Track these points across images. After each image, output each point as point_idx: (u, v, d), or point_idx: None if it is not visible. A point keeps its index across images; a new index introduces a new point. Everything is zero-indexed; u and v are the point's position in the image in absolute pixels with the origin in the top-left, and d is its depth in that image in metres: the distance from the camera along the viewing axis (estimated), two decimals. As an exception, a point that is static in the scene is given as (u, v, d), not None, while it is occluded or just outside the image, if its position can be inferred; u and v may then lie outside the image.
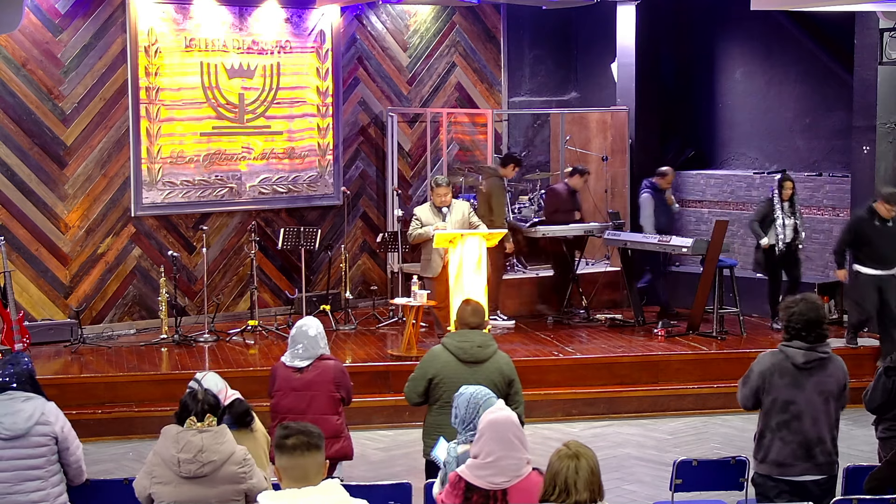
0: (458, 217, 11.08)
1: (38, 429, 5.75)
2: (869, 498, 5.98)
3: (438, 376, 6.67)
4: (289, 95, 13.15)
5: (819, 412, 6.08)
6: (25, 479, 5.71)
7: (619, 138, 14.05)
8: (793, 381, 6.09)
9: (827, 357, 6.12)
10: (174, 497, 5.32)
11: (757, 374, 6.17)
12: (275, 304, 13.23)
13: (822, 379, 6.10)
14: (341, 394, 7.03)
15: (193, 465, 5.28)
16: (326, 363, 6.99)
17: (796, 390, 6.08)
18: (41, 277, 12.01)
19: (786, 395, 6.09)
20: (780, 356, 6.13)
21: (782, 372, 6.11)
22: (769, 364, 6.15)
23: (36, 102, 11.88)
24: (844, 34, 12.28)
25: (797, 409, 6.08)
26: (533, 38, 14.90)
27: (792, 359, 6.09)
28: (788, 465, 6.12)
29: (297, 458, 4.24)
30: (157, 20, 12.33)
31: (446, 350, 6.70)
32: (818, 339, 6.08)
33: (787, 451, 6.11)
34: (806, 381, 6.08)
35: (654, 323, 12.26)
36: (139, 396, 10.37)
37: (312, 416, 6.82)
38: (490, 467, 4.81)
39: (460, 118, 14.31)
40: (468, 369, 6.62)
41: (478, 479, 4.82)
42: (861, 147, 12.08)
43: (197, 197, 12.72)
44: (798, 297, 6.20)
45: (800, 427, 6.08)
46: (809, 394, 6.08)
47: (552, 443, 9.89)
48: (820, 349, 6.09)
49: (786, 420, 6.10)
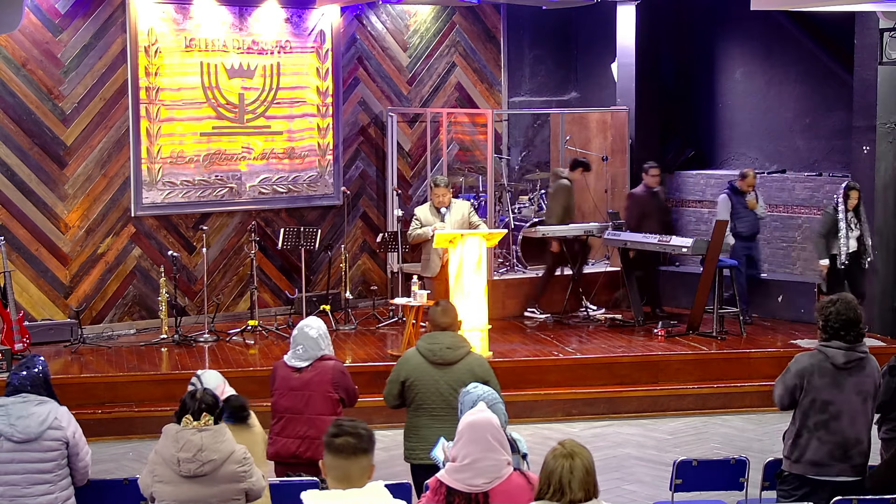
0: (458, 217, 11.07)
1: (50, 433, 5.76)
2: (869, 498, 5.97)
3: (410, 378, 6.67)
4: (289, 95, 13.15)
5: (857, 412, 6.08)
6: (35, 482, 5.71)
7: (619, 138, 14.05)
8: (833, 382, 6.07)
9: (865, 357, 6.12)
10: (175, 496, 5.32)
11: (794, 374, 6.14)
12: (275, 304, 13.23)
13: (861, 379, 6.09)
14: (339, 394, 7.00)
15: (193, 464, 5.28)
16: (325, 364, 6.97)
17: (836, 391, 6.07)
18: (41, 277, 12.01)
19: (825, 395, 6.07)
20: (820, 356, 6.11)
21: (822, 372, 6.08)
22: (808, 364, 6.12)
23: (36, 102, 11.88)
24: (844, 34, 12.27)
25: (836, 410, 6.06)
26: (533, 38, 14.90)
27: (832, 359, 6.06)
28: (825, 465, 6.10)
29: (341, 459, 4.21)
30: (157, 20, 12.33)
31: (418, 352, 6.70)
32: (857, 339, 6.08)
33: (824, 452, 6.09)
34: (845, 382, 6.07)
35: (654, 323, 12.26)
36: (139, 396, 10.36)
37: (309, 415, 6.83)
38: (468, 469, 4.73)
39: (460, 118, 14.31)
40: (439, 371, 6.61)
41: (457, 482, 4.73)
42: (861, 147, 12.08)
43: (197, 197, 12.72)
44: (834, 297, 6.18)
45: (838, 427, 6.06)
46: (848, 394, 6.07)
47: (552, 443, 9.80)
48: (859, 349, 6.09)
49: (824, 420, 6.07)
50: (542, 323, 12.69)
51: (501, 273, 13.28)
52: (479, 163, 14.12)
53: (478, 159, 14.27)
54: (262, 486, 5.52)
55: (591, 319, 12.69)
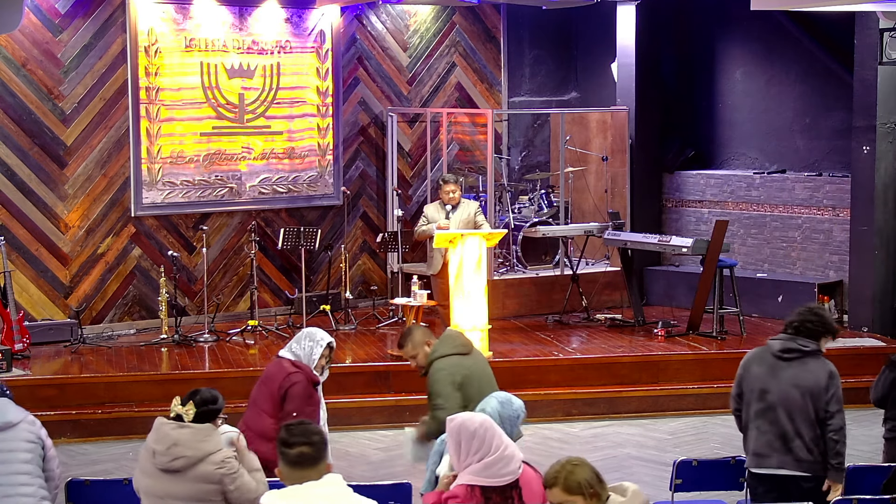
0: (464, 216, 11.10)
1: (26, 426, 5.76)
2: (869, 498, 5.98)
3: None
4: (289, 95, 13.15)
5: (795, 406, 6.06)
6: (16, 471, 5.69)
7: (619, 138, 14.05)
8: (769, 371, 6.16)
9: (809, 354, 6.11)
10: (148, 488, 5.32)
11: (740, 366, 6.33)
12: (275, 304, 13.23)
13: (801, 373, 6.09)
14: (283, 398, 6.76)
15: (165, 457, 5.25)
16: (283, 362, 6.85)
17: (772, 380, 6.13)
18: (41, 277, 12.01)
19: (761, 383, 6.17)
20: (762, 347, 6.29)
21: (761, 361, 6.22)
22: (751, 354, 6.33)
23: (36, 102, 11.87)
24: (844, 34, 12.27)
25: (773, 399, 6.11)
26: (533, 38, 14.89)
27: (770, 347, 6.21)
28: (765, 456, 6.13)
29: (299, 471, 4.25)
30: (157, 20, 12.33)
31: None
32: (795, 332, 6.14)
33: (763, 441, 6.13)
34: (782, 372, 6.11)
35: (654, 323, 12.26)
36: (139, 396, 10.36)
37: (253, 409, 6.79)
38: (496, 463, 4.73)
39: (460, 118, 14.31)
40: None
41: (489, 479, 4.72)
42: (861, 147, 12.08)
43: (197, 197, 12.72)
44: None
45: (775, 417, 6.09)
46: (785, 385, 6.09)
47: (552, 443, 9.90)
48: (800, 342, 6.11)
49: (762, 409, 6.14)
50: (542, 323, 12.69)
51: (501, 273, 13.27)
52: (479, 163, 14.11)
53: (478, 159, 14.26)
54: (252, 491, 5.33)
55: (590, 320, 12.68)
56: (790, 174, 13.34)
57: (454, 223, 11.03)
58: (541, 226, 12.97)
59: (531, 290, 13.16)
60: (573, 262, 12.87)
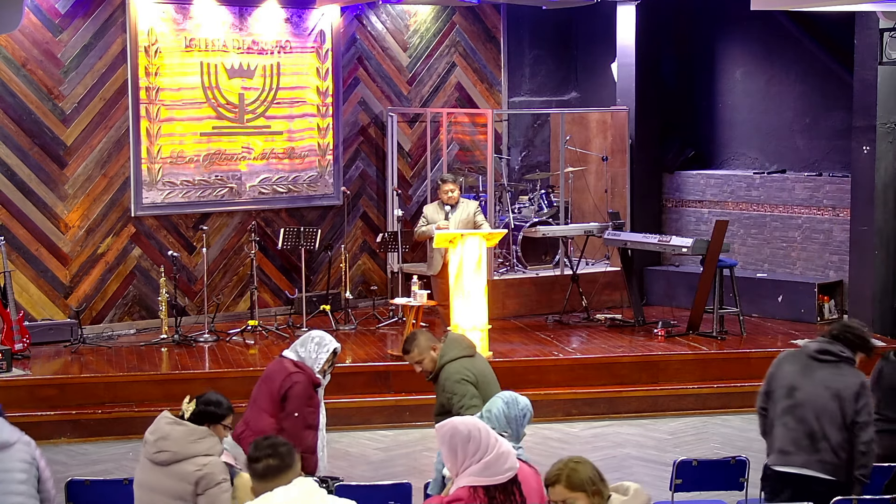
0: (463, 216, 11.11)
1: (21, 447, 5.70)
2: (868, 498, 5.97)
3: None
4: (289, 95, 13.15)
5: (824, 408, 6.01)
6: (11, 492, 5.66)
7: (619, 138, 14.05)
8: (802, 369, 6.15)
9: (845, 358, 6.13)
10: (140, 477, 5.44)
11: (772, 364, 6.34)
12: (275, 304, 13.23)
13: (834, 376, 6.07)
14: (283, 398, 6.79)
15: (152, 448, 5.36)
16: (285, 362, 6.87)
17: (804, 379, 6.11)
18: (41, 277, 12.01)
19: (792, 380, 6.15)
20: (796, 349, 6.31)
21: (794, 360, 6.23)
22: (784, 354, 6.33)
23: (36, 102, 11.87)
24: (844, 34, 12.27)
25: (802, 397, 6.07)
26: (533, 38, 14.89)
27: (805, 348, 6.21)
28: (789, 454, 6.06)
29: (267, 482, 4.30)
30: (157, 20, 12.33)
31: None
32: (837, 339, 6.17)
33: (789, 438, 6.07)
34: (815, 372, 6.10)
35: (655, 323, 12.26)
36: (139, 396, 10.36)
37: (253, 408, 6.81)
38: (494, 462, 4.73)
39: (460, 118, 14.31)
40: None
41: (490, 478, 4.71)
42: (861, 147, 12.07)
43: (197, 197, 12.72)
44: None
45: (803, 415, 6.04)
46: (816, 385, 6.06)
47: (552, 443, 9.90)
48: (837, 347, 6.15)
49: (790, 406, 6.10)
50: (542, 323, 12.69)
51: (501, 273, 13.27)
52: (479, 163, 14.11)
53: (478, 159, 14.26)
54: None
55: (590, 320, 12.68)
56: (790, 174, 13.34)
57: (454, 223, 11.04)
58: (541, 226, 12.97)
59: (531, 290, 13.16)
60: (573, 262, 12.88)
